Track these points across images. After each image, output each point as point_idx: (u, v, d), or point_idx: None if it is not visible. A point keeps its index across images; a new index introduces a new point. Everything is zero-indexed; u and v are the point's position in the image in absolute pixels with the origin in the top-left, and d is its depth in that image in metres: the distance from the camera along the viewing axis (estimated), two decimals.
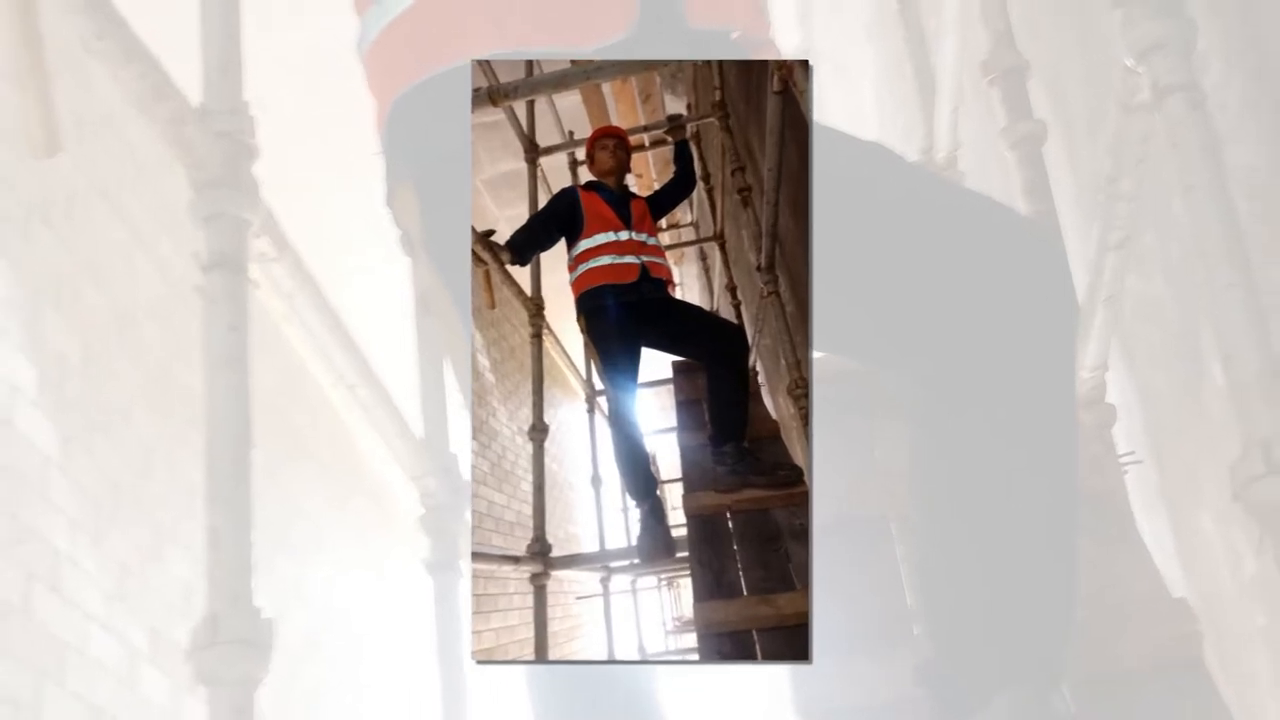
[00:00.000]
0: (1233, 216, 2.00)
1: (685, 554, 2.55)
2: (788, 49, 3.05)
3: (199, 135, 2.26)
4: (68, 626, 3.15)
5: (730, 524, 2.45)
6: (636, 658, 5.65)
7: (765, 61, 1.78)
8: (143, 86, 2.31)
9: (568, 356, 4.87)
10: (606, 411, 3.23)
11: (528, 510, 3.60)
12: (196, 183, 2.25)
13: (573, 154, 4.56)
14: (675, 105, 4.53)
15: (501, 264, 2.65)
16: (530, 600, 3.19)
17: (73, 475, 3.29)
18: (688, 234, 6.18)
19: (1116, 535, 2.42)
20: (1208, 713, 2.15)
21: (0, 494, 2.96)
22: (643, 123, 4.51)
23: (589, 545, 5.22)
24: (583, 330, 2.67)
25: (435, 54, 1.72)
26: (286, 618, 2.17)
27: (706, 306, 5.30)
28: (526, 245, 2.65)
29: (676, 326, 2.63)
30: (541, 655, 3.10)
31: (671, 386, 3.90)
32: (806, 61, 1.63)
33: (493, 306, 2.71)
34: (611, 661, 4.02)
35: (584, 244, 2.63)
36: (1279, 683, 2.42)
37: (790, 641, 1.83)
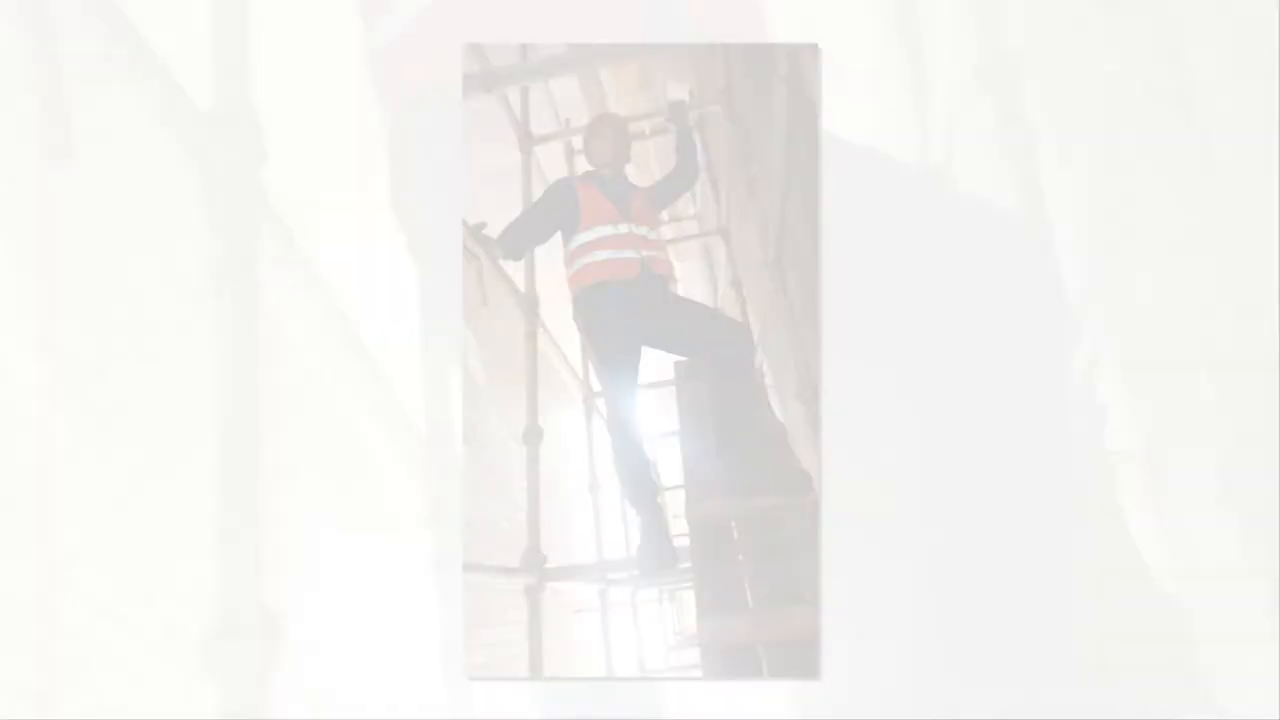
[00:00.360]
0: (1224, 218, 2.04)
1: (688, 564, 2.49)
2: None
3: (209, 140, 2.31)
4: (80, 621, 3.19)
5: (735, 533, 2.38)
6: (636, 674, 5.57)
7: (771, 50, 1.77)
8: (154, 92, 2.35)
9: (564, 356, 4.74)
10: (605, 415, 3.16)
11: (522, 518, 3.46)
12: (206, 186, 2.30)
13: (569, 142, 4.46)
14: (677, 93, 4.45)
15: (494, 259, 2.61)
16: (524, 613, 3.08)
17: (85, 473, 3.32)
18: (690, 227, 6.05)
19: (1107, 533, 2.45)
20: (1197, 707, 2.18)
21: (13, 491, 3.00)
22: (643, 110, 4.40)
23: (586, 556, 5.09)
24: (580, 329, 2.63)
25: (442, 59, 1.77)
26: (294, 613, 2.21)
27: (710, 303, 5.26)
28: (520, 240, 2.58)
29: (678, 325, 2.56)
30: (536, 671, 3.01)
31: (674, 388, 3.85)
32: (816, 45, 1.60)
33: (485, 304, 2.68)
34: (610, 679, 3.94)
35: (581, 237, 2.57)
36: (1267, 678, 2.45)
37: (798, 656, 1.80)
